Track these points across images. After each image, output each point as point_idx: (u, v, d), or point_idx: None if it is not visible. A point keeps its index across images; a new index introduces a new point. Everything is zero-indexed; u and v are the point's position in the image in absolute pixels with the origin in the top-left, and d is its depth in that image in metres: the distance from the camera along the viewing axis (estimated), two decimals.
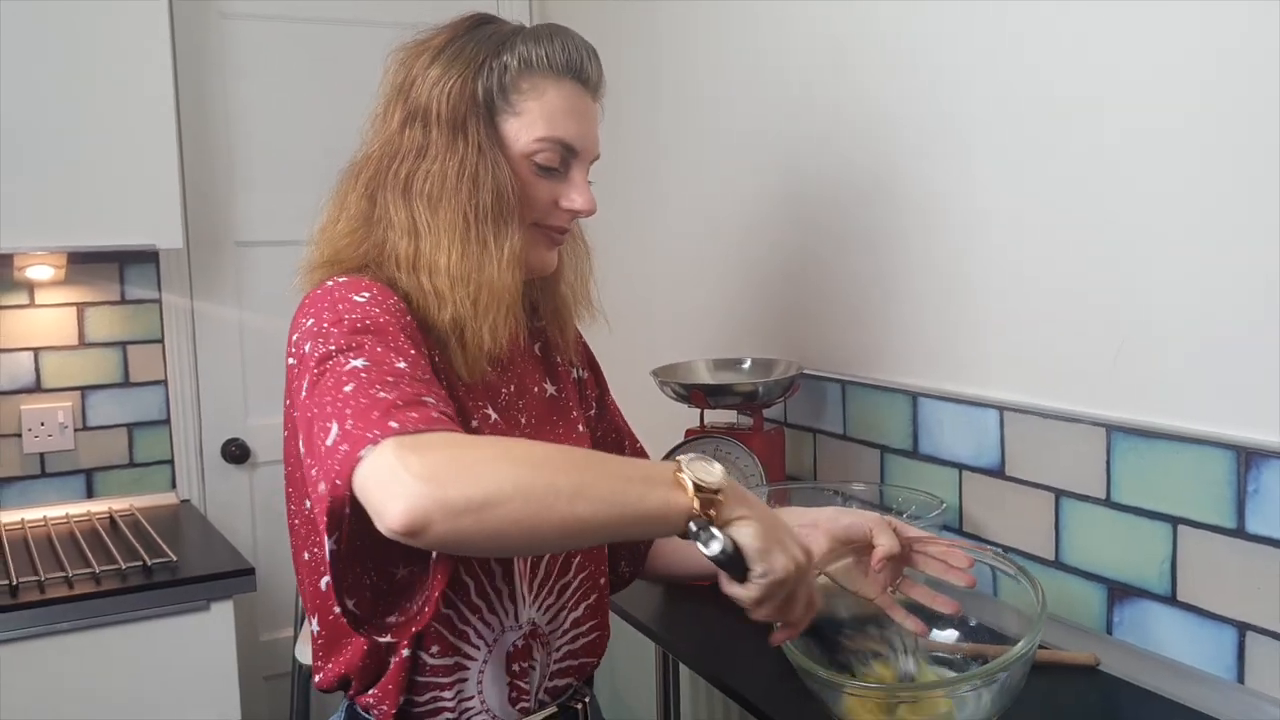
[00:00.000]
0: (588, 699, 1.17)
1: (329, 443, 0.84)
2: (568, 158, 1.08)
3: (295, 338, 0.97)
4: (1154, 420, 1.22)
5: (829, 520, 1.08)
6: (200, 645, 1.87)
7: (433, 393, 0.90)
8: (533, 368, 1.17)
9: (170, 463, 2.41)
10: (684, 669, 1.77)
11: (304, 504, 1.05)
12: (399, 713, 1.04)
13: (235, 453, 2.47)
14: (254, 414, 2.49)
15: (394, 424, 0.83)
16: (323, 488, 0.84)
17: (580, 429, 1.19)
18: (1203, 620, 1.18)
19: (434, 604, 0.91)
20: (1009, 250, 1.40)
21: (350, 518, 0.84)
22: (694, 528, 0.85)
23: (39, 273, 2.24)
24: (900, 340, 1.61)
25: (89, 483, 2.34)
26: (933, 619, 1.08)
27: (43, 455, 2.29)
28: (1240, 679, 1.14)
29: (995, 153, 1.41)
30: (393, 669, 1.02)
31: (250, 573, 1.91)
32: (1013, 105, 1.37)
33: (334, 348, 0.92)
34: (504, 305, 1.02)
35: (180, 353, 2.40)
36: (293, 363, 0.97)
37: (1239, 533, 1.13)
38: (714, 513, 0.85)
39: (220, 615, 1.89)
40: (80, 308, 2.31)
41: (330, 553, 0.88)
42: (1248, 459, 1.12)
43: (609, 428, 1.30)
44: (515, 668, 1.07)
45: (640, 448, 1.34)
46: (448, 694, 1.04)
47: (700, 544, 0.85)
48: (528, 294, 1.14)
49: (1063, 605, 1.32)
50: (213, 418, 2.46)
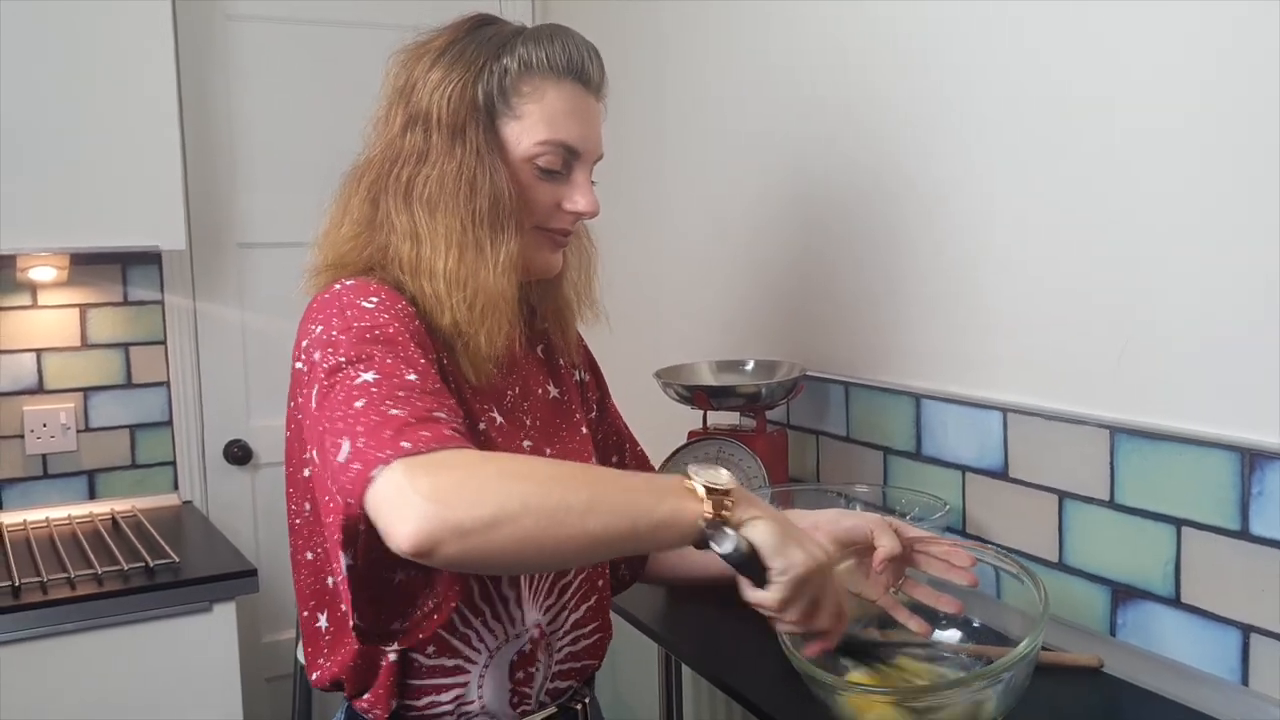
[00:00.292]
0: (588, 699, 1.16)
1: (340, 459, 0.85)
2: (570, 160, 1.07)
3: (305, 344, 0.97)
4: (1158, 422, 1.22)
5: (830, 522, 1.08)
6: (202, 646, 1.87)
7: (444, 405, 0.90)
8: (536, 370, 1.17)
9: (172, 464, 2.41)
10: (686, 670, 1.77)
11: (304, 505, 1.05)
12: (393, 716, 1.03)
13: (237, 454, 2.46)
14: (256, 415, 2.48)
15: (405, 444, 0.83)
16: (336, 510, 0.84)
17: (584, 431, 1.19)
18: (1207, 622, 1.17)
19: (445, 612, 0.92)
20: (1013, 251, 1.40)
21: (365, 534, 0.84)
22: (707, 530, 0.85)
23: (41, 274, 2.24)
24: (903, 342, 1.60)
25: (91, 484, 2.34)
26: (936, 619, 1.08)
27: (45, 456, 2.29)
28: (1244, 681, 1.14)
29: (1004, 153, 1.40)
30: (383, 672, 1.02)
31: (252, 574, 1.91)
32: (1024, 105, 1.36)
33: (344, 359, 0.92)
34: (500, 310, 1.02)
35: (182, 354, 2.40)
36: (300, 367, 0.97)
37: (1243, 535, 1.13)
38: (726, 514, 0.85)
39: (222, 616, 1.88)
40: (83, 309, 2.31)
41: (347, 568, 0.88)
42: (1252, 461, 1.11)
43: (609, 430, 1.29)
44: (520, 674, 1.07)
45: (640, 451, 1.34)
46: (445, 696, 1.04)
47: (715, 545, 0.85)
48: (526, 297, 1.14)
49: (1066, 607, 1.31)
50: (215, 419, 2.45)
